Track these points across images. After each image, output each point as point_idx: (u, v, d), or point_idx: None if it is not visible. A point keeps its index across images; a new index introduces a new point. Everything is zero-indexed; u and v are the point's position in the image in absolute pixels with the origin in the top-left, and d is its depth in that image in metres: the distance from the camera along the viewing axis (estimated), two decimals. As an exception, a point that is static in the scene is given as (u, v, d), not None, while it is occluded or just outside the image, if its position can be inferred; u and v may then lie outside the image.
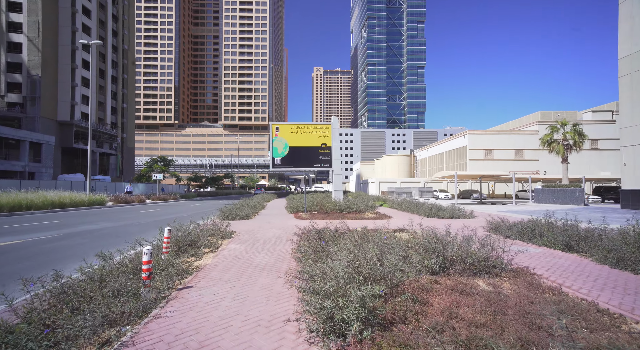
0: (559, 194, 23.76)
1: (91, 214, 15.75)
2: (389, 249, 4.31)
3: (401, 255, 4.55)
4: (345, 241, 5.38)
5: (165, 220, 13.52)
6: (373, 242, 5.08)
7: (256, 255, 6.15)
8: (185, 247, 6.57)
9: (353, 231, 6.50)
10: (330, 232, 5.69)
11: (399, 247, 4.60)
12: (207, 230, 8.53)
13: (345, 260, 3.69)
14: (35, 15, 44.97)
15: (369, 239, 5.38)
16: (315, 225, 9.29)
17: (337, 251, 4.92)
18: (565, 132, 24.01)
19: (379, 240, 5.17)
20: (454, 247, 4.93)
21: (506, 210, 18.60)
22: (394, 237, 7.08)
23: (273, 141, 19.19)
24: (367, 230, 6.52)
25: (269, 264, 5.37)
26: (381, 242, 4.72)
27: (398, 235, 8.99)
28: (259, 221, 12.17)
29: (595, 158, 44.58)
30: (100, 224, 11.48)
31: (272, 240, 7.83)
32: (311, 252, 5.12)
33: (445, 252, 4.80)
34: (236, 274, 4.83)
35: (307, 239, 6.06)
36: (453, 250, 4.82)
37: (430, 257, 4.71)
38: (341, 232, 5.76)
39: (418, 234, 7.66)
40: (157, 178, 28.09)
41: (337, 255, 4.25)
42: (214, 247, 7.17)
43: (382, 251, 4.10)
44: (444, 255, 4.75)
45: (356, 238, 5.38)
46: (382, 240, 4.85)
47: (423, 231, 6.96)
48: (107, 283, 3.67)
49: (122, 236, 8.95)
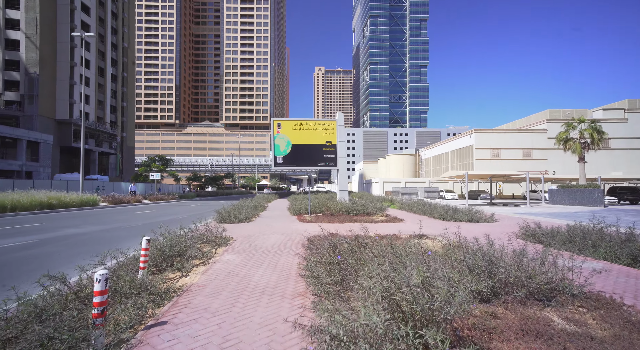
0: (575, 194, 22.55)
1: (80, 215, 14.73)
2: (433, 271, 3.21)
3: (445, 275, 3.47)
4: (367, 254, 4.29)
5: (158, 222, 12.48)
6: (405, 254, 3.99)
7: (255, 270, 5.06)
8: (171, 259, 5.51)
9: (373, 239, 5.40)
10: (348, 244, 4.58)
11: (444, 266, 3.50)
12: (200, 236, 7.46)
13: (379, 292, 2.60)
14: (33, 12, 44.16)
15: (397, 250, 4.29)
16: (322, 229, 8.18)
17: (359, 268, 3.84)
18: (582, 129, 22.79)
19: (412, 252, 4.09)
20: (506, 265, 3.84)
21: (524, 212, 17.44)
22: (416, 246, 5.98)
23: (274, 138, 18.11)
24: (392, 239, 5.42)
25: (271, 284, 4.28)
26: (423, 258, 3.61)
27: (416, 242, 7.89)
28: (260, 224, 11.10)
29: (606, 157, 43.25)
30: (85, 228, 10.43)
31: (274, 250, 6.75)
32: (324, 270, 4.02)
33: (496, 270, 3.71)
34: (228, 300, 3.75)
35: (317, 249, 4.98)
36: (507, 269, 3.72)
37: (479, 278, 3.63)
38: (361, 242, 4.66)
39: (442, 241, 6.52)
40: (155, 177, 27.07)
41: (363, 278, 3.15)
42: (206, 257, 6.10)
43: (432, 274, 2.99)
44: (496, 276, 3.66)
45: (382, 251, 4.29)
46: (426, 256, 3.73)
47: (454, 239, 5.86)
48: (45, 320, 2.61)
49: (105, 243, 7.90)
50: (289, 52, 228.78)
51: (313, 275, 4.01)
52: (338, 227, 10.30)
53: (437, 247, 6.55)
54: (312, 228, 10.14)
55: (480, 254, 4.02)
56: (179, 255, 5.92)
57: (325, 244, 4.66)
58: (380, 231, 9.34)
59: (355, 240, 4.67)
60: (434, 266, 3.32)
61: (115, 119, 61.71)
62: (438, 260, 3.82)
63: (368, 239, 6.91)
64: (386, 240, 7.76)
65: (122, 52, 63.15)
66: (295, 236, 8.51)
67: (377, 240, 5.38)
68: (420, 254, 4.38)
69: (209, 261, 5.84)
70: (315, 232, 9.25)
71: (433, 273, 3.07)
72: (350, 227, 10.17)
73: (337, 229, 9.89)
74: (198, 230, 7.82)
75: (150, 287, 3.85)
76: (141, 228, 10.65)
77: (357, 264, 4.08)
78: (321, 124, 18.74)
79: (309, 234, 8.90)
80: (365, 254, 4.42)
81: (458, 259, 4.11)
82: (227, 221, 11.64)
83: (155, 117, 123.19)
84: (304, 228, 10.19)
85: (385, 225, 10.79)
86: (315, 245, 5.35)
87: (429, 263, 3.48)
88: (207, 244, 7.31)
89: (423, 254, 4.28)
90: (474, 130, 43.89)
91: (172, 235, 6.53)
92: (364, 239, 5.04)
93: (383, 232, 9.10)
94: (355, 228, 9.95)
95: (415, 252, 4.28)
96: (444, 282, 3.09)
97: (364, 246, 4.57)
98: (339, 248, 4.58)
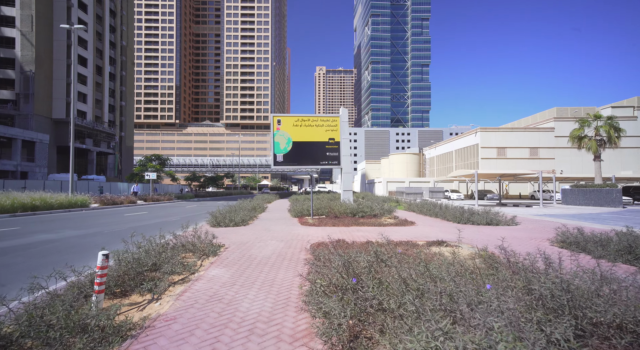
0: (591, 194, 21.37)
1: (64, 218, 13.68)
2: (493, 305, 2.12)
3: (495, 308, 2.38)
4: (392, 275, 3.20)
5: (146, 226, 11.43)
6: (445, 274, 2.91)
7: (245, 292, 3.98)
8: (143, 275, 4.44)
9: (392, 250, 4.31)
10: (366, 262, 3.48)
11: (497, 290, 2.40)
12: (185, 244, 6.40)
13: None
14: (28, 8, 43.27)
15: (429, 267, 3.20)
16: (328, 236, 7.11)
17: (383, 297, 2.77)
18: (598, 126, 21.61)
19: (454, 272, 3.01)
20: (589, 294, 2.75)
21: (541, 213, 16.30)
22: (434, 256, 4.88)
23: (274, 136, 17.02)
24: (409, 247, 4.32)
25: (264, 316, 3.20)
26: (470, 282, 2.52)
27: (434, 250, 6.78)
28: (257, 229, 10.02)
29: (615, 156, 42.05)
30: (62, 233, 9.38)
31: (271, 261, 5.67)
32: (336, 300, 2.93)
33: (583, 305, 2.62)
34: (202, 345, 2.67)
35: (323, 265, 3.89)
36: (598, 304, 2.63)
37: (560, 319, 2.54)
38: (381, 258, 3.56)
39: (468, 249, 5.34)
40: (150, 177, 26.02)
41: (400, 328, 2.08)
42: (188, 271, 5.02)
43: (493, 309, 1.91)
44: (585, 315, 2.57)
45: (410, 271, 3.20)
46: (484, 290, 2.63)
47: (490, 250, 4.76)
48: None
49: (75, 252, 6.84)
50: (290, 52, 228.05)
51: (320, 308, 2.92)
52: (344, 232, 9.23)
53: (463, 256, 5.47)
54: (315, 232, 9.07)
55: (548, 277, 2.93)
56: (154, 269, 4.85)
57: (335, 260, 3.57)
58: (393, 236, 8.25)
59: (375, 256, 3.58)
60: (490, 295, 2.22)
61: (114, 119, 60.81)
62: (481, 279, 2.73)
63: (383, 246, 5.81)
64: (402, 247, 6.66)
65: (120, 51, 62.27)
66: (296, 243, 7.42)
67: (399, 254, 4.29)
68: (459, 274, 3.29)
69: (191, 277, 4.76)
70: (319, 237, 8.17)
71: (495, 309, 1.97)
72: (358, 232, 9.08)
73: (343, 234, 8.82)
74: (184, 236, 6.75)
75: (95, 323, 2.76)
76: (125, 233, 9.58)
77: (380, 290, 3.00)
78: (324, 120, 17.65)
79: (312, 240, 7.82)
80: (389, 274, 3.33)
81: (518, 286, 3.01)
82: (221, 225, 10.57)
83: (155, 117, 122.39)
84: (306, 232, 9.12)
85: (396, 230, 9.70)
86: (321, 259, 4.25)
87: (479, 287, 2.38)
88: (193, 253, 6.24)
89: (461, 272, 3.18)
90: (479, 128, 42.74)
91: (149, 244, 5.46)
92: (383, 252, 3.95)
93: (396, 238, 8.02)
94: (364, 233, 8.87)
95: (458, 272, 3.19)
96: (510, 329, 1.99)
97: (387, 263, 3.49)
98: (352, 266, 3.50)
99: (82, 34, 49.61)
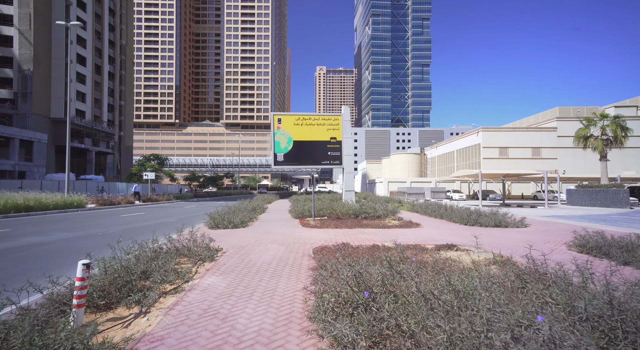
0: (597, 195, 20.96)
1: (58, 219, 13.29)
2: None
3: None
4: (410, 288, 2.81)
5: (143, 227, 11.04)
6: (472, 291, 2.53)
7: (243, 305, 3.59)
8: (131, 285, 4.04)
9: (405, 257, 3.92)
10: (381, 275, 3.07)
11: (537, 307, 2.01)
12: (181, 248, 6.01)
13: None
14: (26, 7, 42.88)
15: (451, 280, 2.81)
16: (330, 237, 6.71)
17: (399, 314, 2.38)
18: (604, 125, 21.20)
19: (481, 286, 2.62)
20: None
21: (549, 214, 15.90)
22: (446, 262, 4.49)
23: (275, 135, 16.63)
24: (418, 251, 3.91)
25: (263, 336, 2.81)
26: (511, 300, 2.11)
27: (443, 254, 6.38)
28: (257, 231, 9.63)
29: (617, 156, 41.61)
30: (53, 235, 8.99)
31: (272, 267, 5.28)
32: (347, 318, 2.54)
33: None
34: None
35: (330, 274, 3.51)
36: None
37: (611, 339, 2.15)
38: (395, 269, 3.16)
39: (481, 253, 4.91)
40: (149, 177, 25.63)
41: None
42: (182, 279, 4.63)
43: None
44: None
45: (428, 284, 2.80)
46: (536, 322, 2.22)
47: (516, 258, 4.36)
48: None
49: (65, 256, 6.45)
50: (290, 52, 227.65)
51: (327, 329, 2.52)
52: (347, 234, 8.84)
53: (477, 261, 5.07)
54: (317, 235, 8.68)
55: (594, 294, 2.54)
56: (145, 277, 4.46)
57: (344, 271, 3.18)
58: (399, 240, 7.86)
59: (389, 266, 3.18)
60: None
61: (113, 118, 60.44)
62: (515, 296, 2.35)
63: (390, 250, 5.45)
64: (410, 251, 6.26)
65: (119, 50, 61.89)
66: (298, 247, 7.03)
67: (413, 262, 3.89)
68: (485, 288, 2.89)
69: (184, 286, 4.37)
70: (322, 240, 7.78)
71: None
72: (362, 234, 8.69)
73: (347, 236, 8.42)
74: (179, 240, 6.35)
75: (71, 343, 2.37)
76: (118, 235, 9.19)
77: (397, 307, 2.60)
78: (325, 119, 17.27)
79: (314, 243, 7.43)
80: (406, 288, 2.93)
81: (560, 302, 2.61)
82: (219, 226, 10.17)
83: (155, 117, 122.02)
84: (307, 235, 8.73)
85: (401, 232, 9.31)
86: (327, 268, 3.85)
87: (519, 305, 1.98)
88: (189, 258, 5.85)
89: (488, 285, 2.78)
90: (481, 128, 42.34)
91: (140, 249, 5.07)
92: (396, 260, 3.55)
93: (403, 241, 7.62)
94: (368, 235, 8.48)
95: (484, 286, 2.79)
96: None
97: (402, 275, 3.09)
98: (363, 276, 3.10)
99: (81, 32, 49.24)
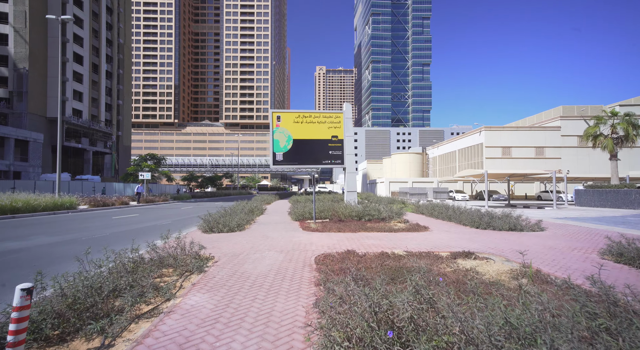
0: (608, 195, 20.28)
1: (45, 222, 12.59)
2: None
3: None
4: (448, 327, 2.12)
5: (134, 230, 10.34)
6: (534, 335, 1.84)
7: (231, 336, 2.89)
8: (98, 307, 3.35)
9: (431, 278, 3.23)
10: (408, 305, 2.36)
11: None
12: (166, 257, 5.32)
13: None
14: (22, 4, 42.18)
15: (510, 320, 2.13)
16: (332, 242, 5.97)
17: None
18: (614, 123, 20.53)
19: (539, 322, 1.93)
20: None
21: (562, 216, 15.21)
22: (472, 274, 3.79)
23: (274, 133, 15.94)
24: (432, 260, 3.18)
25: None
26: None
27: (461, 263, 5.68)
28: (254, 235, 8.94)
29: (622, 155, 40.95)
30: (34, 240, 8.30)
31: (268, 282, 4.58)
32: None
33: None
34: None
35: (340, 300, 2.82)
36: None
37: None
38: (424, 296, 2.47)
39: (504, 263, 4.20)
40: (144, 177, 24.94)
41: None
42: (162, 297, 3.94)
43: None
44: None
45: (469, 321, 2.11)
46: None
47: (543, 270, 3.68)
48: None
49: (42, 264, 5.75)
50: (290, 52, 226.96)
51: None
52: (352, 239, 8.14)
53: (499, 272, 4.38)
54: (319, 240, 7.99)
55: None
56: (115, 295, 3.77)
57: (359, 300, 2.48)
58: (409, 245, 7.18)
59: (414, 292, 2.48)
60: None
61: (111, 118, 59.72)
62: None
63: (402, 259, 4.76)
64: (424, 260, 5.54)
65: (117, 49, 61.17)
66: (298, 255, 6.34)
67: (442, 284, 3.20)
68: (543, 321, 2.20)
69: (164, 306, 3.67)
70: (325, 246, 7.09)
71: None
72: (368, 239, 7.98)
73: (352, 241, 7.73)
74: (165, 248, 5.66)
75: None
76: (106, 239, 8.51)
77: None
78: (326, 117, 16.57)
79: (316, 250, 6.73)
80: (443, 327, 2.23)
81: None
82: (214, 230, 9.48)
83: (154, 117, 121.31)
84: (309, 240, 8.03)
85: (410, 236, 8.62)
86: (336, 292, 3.16)
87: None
88: (175, 269, 5.16)
89: (545, 317, 2.09)
90: (483, 127, 41.66)
91: (118, 258, 4.39)
92: (421, 284, 2.85)
93: (413, 247, 6.95)
94: (374, 240, 7.77)
95: (542, 318, 2.10)
96: None
97: (432, 305, 2.39)
98: (382, 307, 2.40)
99: (78, 31, 48.57)
